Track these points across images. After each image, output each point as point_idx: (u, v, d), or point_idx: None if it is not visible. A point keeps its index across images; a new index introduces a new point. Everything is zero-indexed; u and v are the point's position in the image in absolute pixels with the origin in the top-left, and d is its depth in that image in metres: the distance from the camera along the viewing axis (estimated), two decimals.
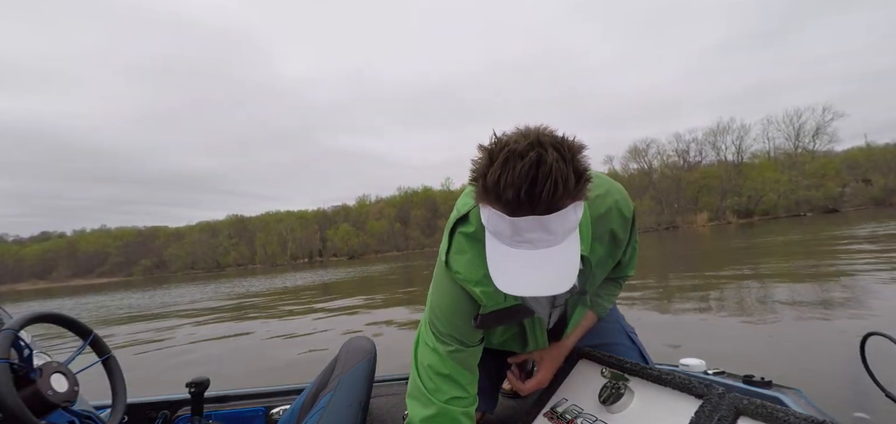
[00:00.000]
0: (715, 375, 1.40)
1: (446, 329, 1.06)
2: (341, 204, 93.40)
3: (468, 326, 1.03)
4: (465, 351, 1.07)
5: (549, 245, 0.74)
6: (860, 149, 51.49)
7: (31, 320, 1.12)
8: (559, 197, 0.70)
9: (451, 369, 1.05)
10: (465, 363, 1.08)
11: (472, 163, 0.78)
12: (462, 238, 0.98)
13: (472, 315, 1.01)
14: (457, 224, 1.00)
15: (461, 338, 1.06)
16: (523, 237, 0.74)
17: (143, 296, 19.08)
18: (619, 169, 61.20)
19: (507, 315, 1.01)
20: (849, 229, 15.98)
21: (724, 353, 3.43)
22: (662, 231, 45.18)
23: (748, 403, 0.83)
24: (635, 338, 1.33)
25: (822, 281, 6.13)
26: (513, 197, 0.70)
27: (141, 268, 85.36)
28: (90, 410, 1.24)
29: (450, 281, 1.02)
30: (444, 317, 1.06)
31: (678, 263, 11.08)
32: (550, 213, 0.71)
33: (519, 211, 0.71)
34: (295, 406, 1.44)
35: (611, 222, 1.02)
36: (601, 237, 1.03)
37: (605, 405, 1.04)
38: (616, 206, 1.02)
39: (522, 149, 0.70)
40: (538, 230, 0.72)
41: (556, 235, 0.74)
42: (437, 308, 1.07)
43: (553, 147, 0.70)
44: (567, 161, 0.70)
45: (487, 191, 0.74)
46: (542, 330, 1.18)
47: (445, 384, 1.05)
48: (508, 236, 0.75)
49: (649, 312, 5.19)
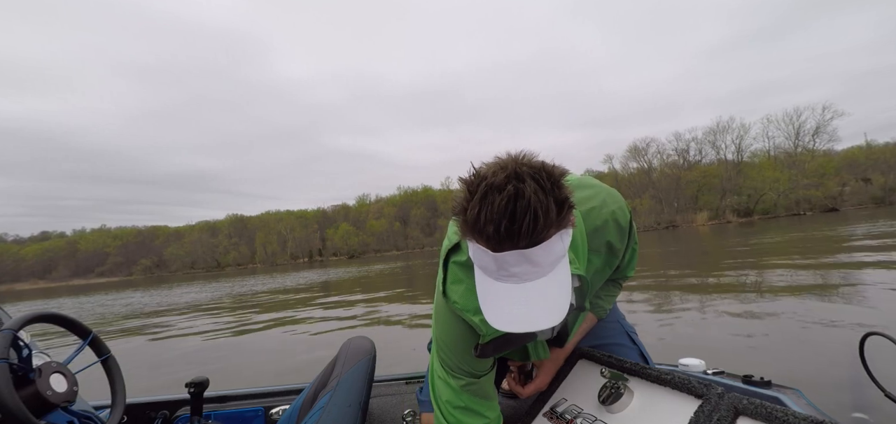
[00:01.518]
0: (714, 375, 1.40)
1: (454, 362, 1.04)
2: (341, 203, 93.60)
3: (472, 355, 1.01)
4: (477, 383, 1.05)
5: (537, 277, 0.73)
6: (860, 148, 51.54)
7: (30, 320, 1.11)
8: (540, 229, 0.68)
9: (468, 401, 1.04)
10: (480, 392, 1.07)
11: (453, 199, 0.77)
12: (456, 267, 0.97)
13: (472, 344, 0.99)
14: (449, 253, 0.98)
15: (470, 370, 1.04)
16: (508, 271, 0.72)
17: (143, 296, 19.08)
18: (618, 168, 61.25)
19: (508, 341, 0.99)
20: (848, 228, 15.98)
21: (724, 353, 3.43)
22: (662, 230, 45.19)
23: (747, 403, 0.83)
24: (635, 338, 1.33)
25: (821, 280, 6.14)
26: (493, 232, 0.68)
27: (141, 268, 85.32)
28: (89, 410, 1.24)
29: (449, 312, 1.00)
30: (449, 350, 1.04)
31: (678, 263, 11.09)
32: (534, 246, 0.69)
33: (501, 246, 0.70)
34: (294, 406, 1.44)
35: (607, 234, 1.01)
36: (598, 249, 1.01)
37: (604, 405, 1.03)
38: (612, 217, 1.01)
39: (500, 182, 0.69)
40: (523, 264, 0.71)
41: (542, 267, 0.72)
42: (442, 341, 1.05)
43: (531, 178, 0.69)
44: (546, 191, 0.68)
45: (469, 227, 0.72)
46: (543, 345, 1.18)
47: (465, 416, 1.05)
48: (494, 271, 0.73)
49: (649, 312, 5.19)
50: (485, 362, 1.05)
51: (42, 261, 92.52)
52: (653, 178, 56.63)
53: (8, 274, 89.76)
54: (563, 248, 0.74)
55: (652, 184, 55.81)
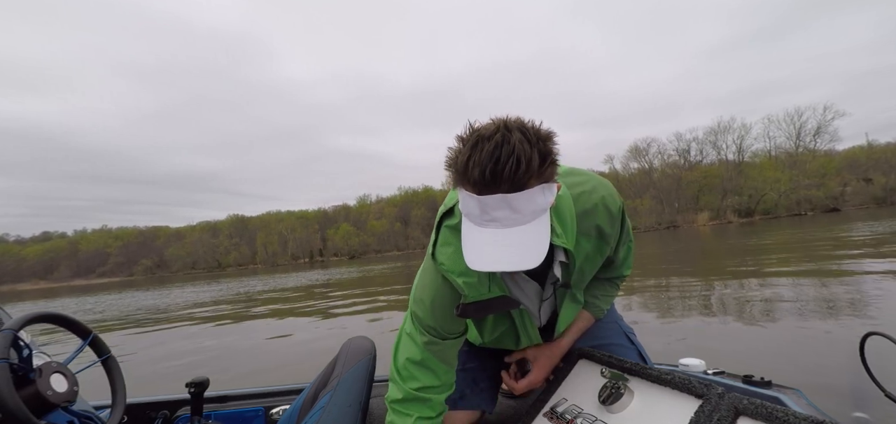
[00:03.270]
0: (714, 375, 1.40)
1: (426, 318, 1.08)
2: (342, 203, 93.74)
3: (449, 316, 1.05)
4: (441, 343, 1.10)
5: (517, 224, 0.78)
6: (861, 148, 51.53)
7: (30, 320, 1.12)
8: (522, 174, 0.73)
9: (426, 358, 1.10)
10: (441, 354, 1.11)
11: (448, 150, 0.82)
12: (447, 231, 1.01)
13: (453, 305, 1.03)
14: (443, 217, 1.02)
15: (439, 329, 1.08)
16: (490, 215, 0.77)
17: (143, 296, 19.09)
18: (619, 168, 61.27)
19: (490, 305, 1.02)
20: (849, 228, 15.96)
21: (724, 353, 3.43)
22: (663, 230, 45.15)
23: (748, 403, 0.83)
24: (634, 338, 1.32)
25: (821, 280, 6.13)
26: (479, 175, 0.74)
27: (142, 268, 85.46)
28: (90, 410, 1.24)
29: (434, 272, 1.04)
30: (425, 307, 1.08)
31: (678, 263, 11.08)
32: (516, 192, 0.75)
33: (485, 189, 0.75)
34: (295, 406, 1.44)
35: (597, 217, 1.03)
36: (587, 232, 1.04)
37: (604, 405, 1.03)
38: (602, 202, 1.04)
39: (490, 132, 0.75)
40: (504, 208, 0.76)
41: (523, 214, 0.77)
42: (420, 298, 1.09)
43: (519, 130, 0.75)
44: (531, 143, 0.74)
45: (459, 174, 0.78)
46: (533, 326, 1.17)
47: (418, 371, 1.10)
48: (477, 215, 0.79)
49: (649, 312, 5.19)
50: (457, 324, 1.09)
51: (43, 262, 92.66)
52: (653, 178, 56.63)
53: (9, 274, 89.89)
54: (544, 202, 0.79)
55: (653, 184, 55.80)
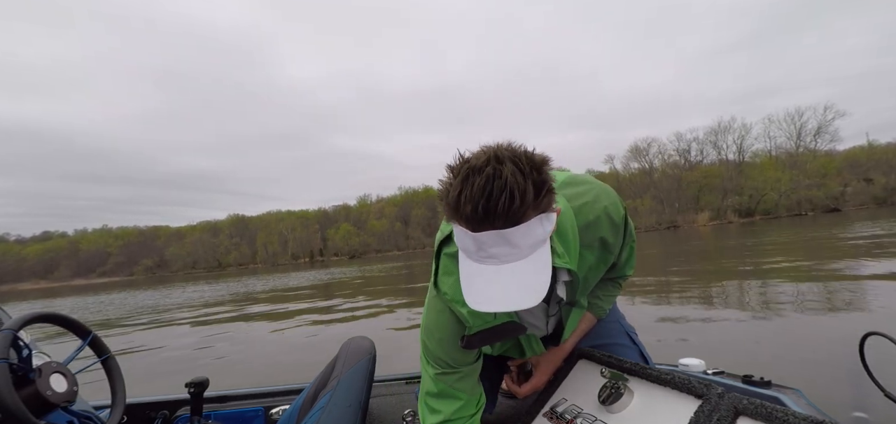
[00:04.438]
0: (714, 375, 1.40)
1: (436, 351, 1.05)
2: (342, 203, 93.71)
3: (458, 348, 1.02)
4: (455, 373, 1.06)
5: (515, 259, 0.74)
6: (862, 148, 51.41)
7: (30, 320, 1.12)
8: (517, 208, 0.69)
9: (441, 389, 1.07)
10: (457, 384, 1.07)
11: (440, 182, 0.78)
12: (447, 259, 0.98)
13: (459, 333, 1.00)
14: (441, 245, 1.00)
15: (450, 360, 1.05)
16: (487, 252, 0.73)
17: (143, 296, 19.10)
18: (620, 168, 61.21)
19: (497, 333, 0.99)
20: (849, 228, 15.95)
21: (724, 353, 3.43)
22: (663, 230, 45.13)
23: (747, 403, 0.83)
24: (635, 338, 1.32)
25: (821, 280, 6.12)
26: (472, 212, 0.70)
27: (142, 268, 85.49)
28: (89, 410, 1.24)
29: (439, 302, 1.01)
30: (433, 338, 1.05)
31: (678, 263, 11.08)
32: (511, 227, 0.71)
33: (480, 226, 0.71)
34: (294, 406, 1.44)
35: (600, 229, 1.00)
36: (590, 245, 1.01)
37: (604, 405, 1.03)
38: (605, 213, 1.00)
39: (480, 164, 0.71)
40: (501, 244, 0.72)
41: (521, 249, 0.73)
42: (427, 329, 1.06)
43: (511, 161, 0.70)
44: (525, 174, 0.70)
45: (451, 209, 0.74)
46: (537, 341, 1.17)
47: (437, 403, 1.08)
48: (473, 252, 0.75)
49: (649, 312, 5.19)
50: (468, 355, 1.05)
51: (44, 261, 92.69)
52: (654, 179, 56.58)
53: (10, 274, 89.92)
54: (544, 233, 0.75)
55: (653, 184, 55.76)
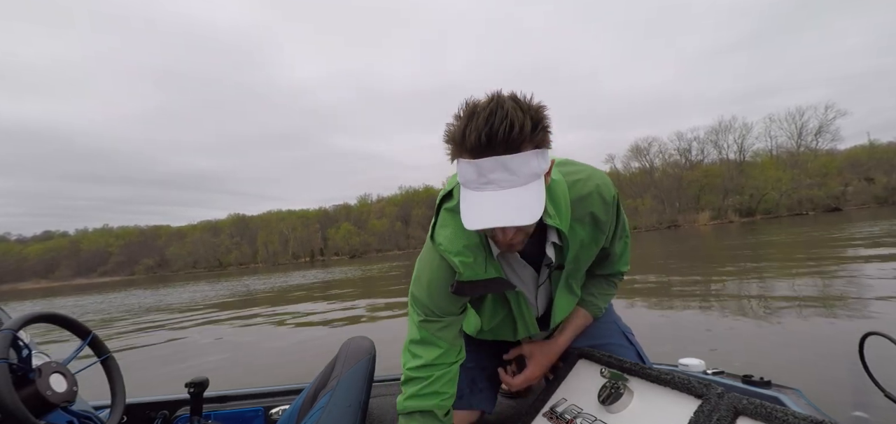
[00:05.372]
0: (714, 375, 1.40)
1: (422, 297, 1.11)
2: (343, 203, 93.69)
3: (444, 295, 1.08)
4: (439, 322, 1.11)
5: (512, 185, 0.81)
6: (863, 148, 51.33)
7: (30, 320, 1.12)
8: (516, 137, 0.78)
9: (424, 336, 1.12)
10: (439, 333, 1.12)
11: (446, 126, 0.86)
12: (446, 213, 1.05)
13: (449, 283, 1.06)
14: (443, 200, 1.06)
15: (436, 308, 1.10)
16: (487, 178, 0.81)
17: (144, 295, 19.11)
18: (620, 167, 61.11)
19: (485, 285, 1.05)
20: (850, 228, 15.93)
21: (723, 353, 3.42)
22: (664, 230, 45.09)
23: (747, 403, 0.83)
24: (632, 338, 1.32)
25: (821, 280, 6.12)
26: (475, 140, 0.79)
27: (143, 268, 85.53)
28: (89, 410, 1.24)
29: (433, 252, 1.07)
30: (422, 286, 1.11)
31: (679, 262, 11.07)
32: (510, 154, 0.79)
33: (481, 153, 0.80)
34: (294, 406, 1.44)
35: (591, 204, 1.06)
36: (582, 219, 1.06)
37: (604, 405, 1.03)
38: (596, 190, 1.06)
39: (484, 102, 0.81)
40: (500, 170, 0.80)
41: (519, 176, 0.81)
42: (418, 279, 1.13)
43: (511, 100, 0.80)
44: (523, 110, 0.79)
45: (457, 144, 0.83)
46: (530, 314, 1.18)
47: (418, 349, 1.13)
48: (474, 179, 0.83)
49: (649, 311, 5.18)
50: (454, 305, 1.11)
51: (45, 261, 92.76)
52: (654, 178, 56.50)
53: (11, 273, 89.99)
54: (539, 167, 0.83)
55: (654, 183, 55.68)
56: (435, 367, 1.10)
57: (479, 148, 0.80)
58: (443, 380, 1.11)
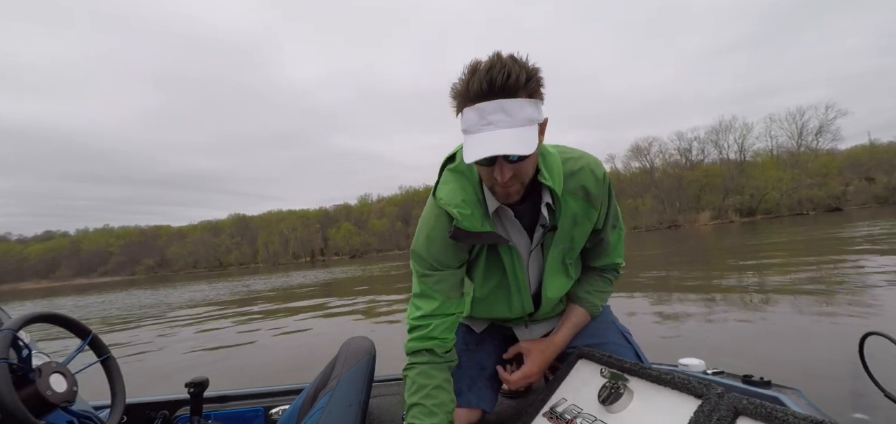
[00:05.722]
0: (714, 375, 1.40)
1: (421, 250, 1.18)
2: (343, 203, 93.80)
3: (442, 245, 1.15)
4: (437, 274, 1.18)
5: (509, 126, 0.92)
6: (863, 147, 51.31)
7: (29, 320, 1.12)
8: (513, 84, 0.90)
9: (424, 289, 1.19)
10: (438, 286, 1.19)
11: (452, 86, 0.98)
12: (448, 172, 1.14)
13: (447, 232, 1.13)
14: (446, 163, 1.16)
15: (434, 260, 1.17)
16: (487, 119, 0.92)
17: (144, 295, 19.12)
18: (620, 167, 61.07)
19: (480, 236, 1.12)
20: (850, 228, 15.92)
21: (724, 353, 3.42)
22: (664, 229, 45.06)
23: (747, 403, 0.83)
24: (630, 338, 1.34)
25: (821, 280, 6.12)
26: (477, 87, 0.91)
27: (143, 268, 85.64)
28: (89, 410, 1.24)
29: (434, 207, 1.16)
30: (421, 240, 1.19)
31: (679, 262, 11.07)
32: (508, 98, 0.91)
33: (483, 98, 0.91)
34: (294, 406, 1.44)
35: (583, 178, 1.14)
36: (574, 192, 1.15)
37: (604, 405, 1.03)
38: (588, 166, 1.15)
39: (485, 59, 0.93)
40: (498, 112, 0.91)
41: (515, 118, 0.92)
42: (418, 234, 1.20)
43: (509, 56, 0.92)
44: (520, 64, 0.92)
45: (461, 95, 0.95)
46: (523, 274, 1.22)
47: (419, 301, 1.20)
48: (476, 123, 0.93)
49: (649, 310, 5.18)
50: (451, 258, 1.18)
51: (45, 261, 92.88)
52: (655, 178, 56.44)
53: (12, 273, 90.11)
54: (533, 115, 0.94)
55: (654, 183, 55.63)
56: (433, 317, 1.17)
57: (481, 94, 0.91)
58: (441, 328, 1.17)
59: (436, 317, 1.17)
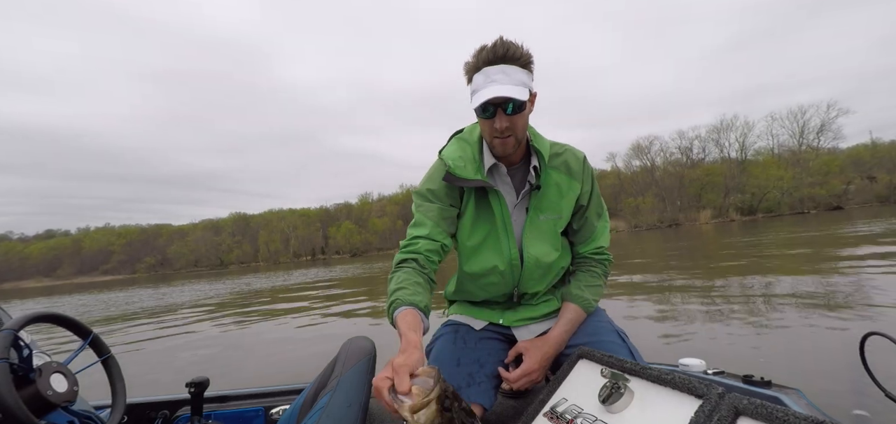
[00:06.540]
0: (714, 375, 1.40)
1: (420, 188, 1.40)
2: (343, 202, 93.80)
3: (438, 181, 1.37)
4: (430, 205, 1.36)
5: (508, 84, 1.17)
6: (865, 146, 51.26)
7: (30, 320, 1.12)
8: (512, 54, 1.18)
9: (418, 218, 1.36)
10: (430, 214, 1.35)
11: (464, 65, 1.26)
12: (454, 139, 1.43)
13: (443, 174, 1.35)
14: (455, 133, 1.45)
15: (428, 193, 1.38)
16: (491, 78, 1.18)
17: (145, 294, 19.15)
18: (621, 166, 60.99)
19: (469, 181, 1.32)
20: (852, 227, 15.90)
21: (724, 353, 3.42)
22: (665, 228, 45.04)
23: (748, 403, 0.82)
24: (626, 339, 1.36)
25: (822, 280, 6.10)
26: (485, 56, 1.19)
27: (145, 266, 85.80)
28: (90, 410, 1.24)
29: (436, 161, 1.42)
30: (422, 181, 1.42)
31: (679, 262, 11.06)
32: (508, 64, 1.18)
33: (488, 64, 1.19)
34: (294, 406, 1.44)
35: (566, 158, 1.39)
36: (558, 167, 1.38)
37: (604, 404, 1.03)
38: (570, 150, 1.41)
39: (490, 42, 1.21)
40: (500, 73, 1.17)
41: (512, 77, 1.18)
42: (422, 180, 1.43)
43: (509, 40, 1.20)
44: (516, 44, 1.19)
45: (472, 68, 1.22)
46: (509, 219, 1.36)
47: (413, 230, 1.35)
48: (483, 82, 1.19)
49: (649, 310, 5.17)
50: (442, 194, 1.37)
51: (47, 260, 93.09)
52: (656, 176, 56.35)
53: (13, 271, 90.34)
54: (526, 80, 1.21)
55: (655, 182, 55.55)
56: (421, 238, 1.31)
57: (487, 61, 1.19)
58: (426, 247, 1.29)
59: (423, 239, 1.31)
